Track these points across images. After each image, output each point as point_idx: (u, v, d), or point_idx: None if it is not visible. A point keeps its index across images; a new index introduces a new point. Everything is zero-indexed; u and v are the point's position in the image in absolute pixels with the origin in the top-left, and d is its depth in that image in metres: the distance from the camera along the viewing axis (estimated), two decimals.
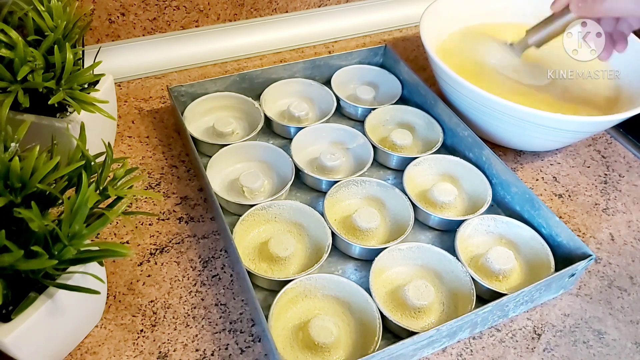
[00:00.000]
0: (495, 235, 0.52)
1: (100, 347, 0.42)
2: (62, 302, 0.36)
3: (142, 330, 0.43)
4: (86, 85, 0.50)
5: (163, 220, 0.52)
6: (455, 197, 0.54)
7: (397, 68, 0.68)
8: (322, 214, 0.50)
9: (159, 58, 0.69)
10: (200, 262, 0.48)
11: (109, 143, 0.40)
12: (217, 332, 0.43)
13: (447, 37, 0.69)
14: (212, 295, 0.46)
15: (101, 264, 0.39)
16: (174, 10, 0.67)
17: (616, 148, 0.65)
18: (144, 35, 0.68)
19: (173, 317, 0.44)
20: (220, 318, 0.44)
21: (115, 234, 0.50)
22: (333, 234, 0.48)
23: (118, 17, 0.65)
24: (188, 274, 0.47)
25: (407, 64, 0.65)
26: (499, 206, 0.56)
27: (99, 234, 0.49)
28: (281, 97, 0.65)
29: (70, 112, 0.49)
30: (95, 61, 0.48)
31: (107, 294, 0.45)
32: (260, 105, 0.61)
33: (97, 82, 0.51)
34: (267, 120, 0.60)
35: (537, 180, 0.60)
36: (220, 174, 0.55)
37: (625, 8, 0.50)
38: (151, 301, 0.45)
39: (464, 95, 0.57)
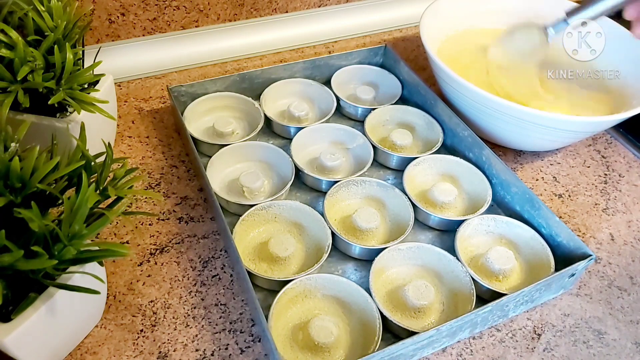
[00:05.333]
0: (495, 235, 0.52)
1: (100, 347, 0.42)
2: (62, 302, 0.36)
3: (142, 330, 0.43)
4: (86, 85, 0.50)
5: (163, 220, 0.52)
6: (455, 197, 0.54)
7: (397, 68, 0.68)
8: (322, 214, 0.50)
9: (159, 58, 0.69)
10: (200, 262, 0.48)
11: (109, 143, 0.40)
12: (217, 332, 0.44)
13: (447, 37, 0.69)
14: (212, 295, 0.46)
15: (101, 264, 0.39)
16: (174, 10, 0.67)
17: (616, 148, 0.65)
18: (144, 35, 0.68)
19: (173, 317, 0.44)
20: (220, 318, 0.44)
21: (115, 234, 0.50)
22: (333, 234, 0.48)
23: (118, 17, 0.65)
24: (188, 274, 0.47)
25: (407, 64, 0.65)
26: (499, 206, 0.56)
27: (99, 234, 0.49)
28: (281, 97, 0.65)
29: (70, 112, 0.49)
30: (95, 61, 0.48)
31: (107, 294, 0.45)
32: (260, 105, 0.61)
33: (97, 82, 0.51)
34: (267, 120, 0.60)
35: (537, 180, 0.60)
36: (220, 174, 0.55)
37: None
38: (151, 301, 0.45)
39: (464, 95, 0.57)
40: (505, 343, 0.45)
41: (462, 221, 0.51)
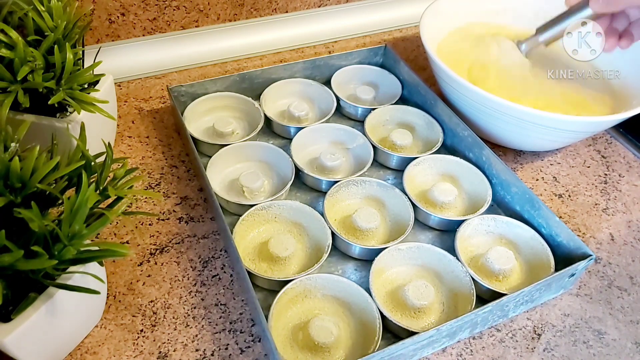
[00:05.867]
0: (495, 235, 0.52)
1: (100, 347, 0.42)
2: (62, 302, 0.36)
3: (142, 330, 0.43)
4: (86, 85, 0.50)
5: (163, 220, 0.52)
6: (455, 197, 0.54)
7: (397, 68, 0.68)
8: (322, 214, 0.50)
9: (159, 58, 0.69)
10: (200, 262, 0.48)
11: (109, 143, 0.40)
12: (217, 332, 0.44)
13: (447, 37, 0.69)
14: (212, 295, 0.46)
15: (101, 264, 0.39)
16: (174, 10, 0.67)
17: (616, 148, 0.65)
18: (144, 35, 0.68)
19: (173, 317, 0.44)
20: (220, 318, 0.44)
21: (115, 234, 0.50)
22: (333, 234, 0.48)
23: (118, 17, 0.65)
24: (188, 274, 0.47)
25: (407, 64, 0.65)
26: (499, 206, 0.56)
27: (99, 234, 0.49)
28: (281, 97, 0.65)
29: (70, 112, 0.49)
30: (95, 61, 0.48)
31: (107, 294, 0.45)
32: (260, 105, 0.61)
33: (97, 82, 0.51)
34: (267, 120, 0.60)
35: (537, 180, 0.60)
36: (220, 174, 0.55)
37: None
38: (151, 301, 0.45)
39: (464, 95, 0.57)
40: (505, 343, 0.45)
41: (462, 221, 0.51)
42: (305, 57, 0.74)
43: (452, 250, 0.48)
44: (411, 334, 0.40)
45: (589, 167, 0.62)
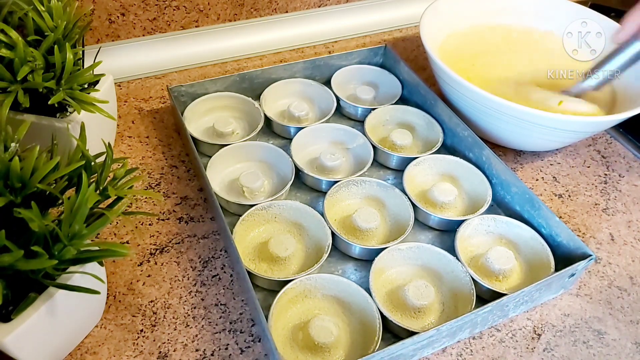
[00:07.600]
0: (495, 235, 0.52)
1: (100, 347, 0.42)
2: (62, 302, 0.36)
3: (142, 330, 0.43)
4: (86, 85, 0.50)
5: (163, 220, 0.52)
6: (455, 197, 0.54)
7: (397, 68, 0.68)
8: (322, 214, 0.50)
9: (159, 58, 0.69)
10: (200, 262, 0.48)
11: (109, 143, 0.40)
12: (217, 332, 0.44)
13: (447, 37, 0.69)
14: (212, 295, 0.46)
15: (101, 264, 0.39)
16: (174, 10, 0.67)
17: (616, 148, 0.65)
18: (144, 35, 0.68)
19: (173, 317, 0.44)
20: (220, 318, 0.44)
21: (115, 234, 0.50)
22: (333, 234, 0.48)
23: (118, 17, 0.65)
24: (188, 274, 0.47)
25: (407, 64, 0.65)
26: (499, 206, 0.56)
27: (99, 234, 0.49)
28: (281, 97, 0.65)
29: (70, 112, 0.49)
30: (95, 61, 0.48)
31: (107, 294, 0.45)
32: (260, 105, 0.61)
33: (97, 82, 0.51)
34: (267, 120, 0.60)
35: (537, 180, 0.60)
36: (220, 174, 0.55)
37: None
38: (151, 301, 0.45)
39: (464, 95, 0.57)
40: (505, 343, 0.45)
41: (462, 221, 0.51)
42: (305, 57, 0.74)
43: (452, 250, 0.48)
44: (411, 334, 0.40)
45: (589, 167, 0.62)
